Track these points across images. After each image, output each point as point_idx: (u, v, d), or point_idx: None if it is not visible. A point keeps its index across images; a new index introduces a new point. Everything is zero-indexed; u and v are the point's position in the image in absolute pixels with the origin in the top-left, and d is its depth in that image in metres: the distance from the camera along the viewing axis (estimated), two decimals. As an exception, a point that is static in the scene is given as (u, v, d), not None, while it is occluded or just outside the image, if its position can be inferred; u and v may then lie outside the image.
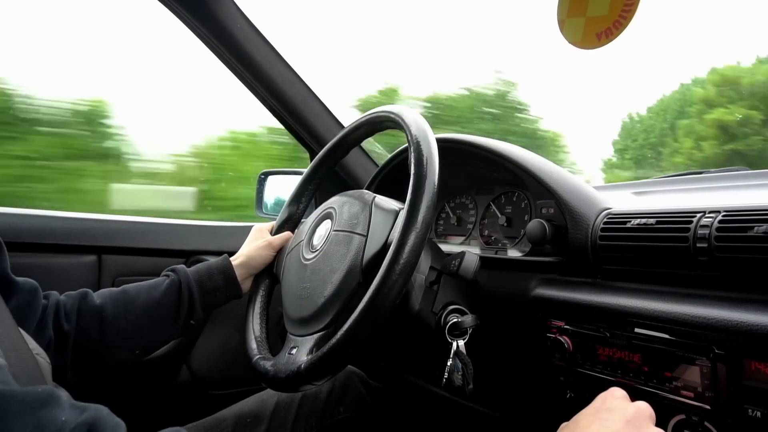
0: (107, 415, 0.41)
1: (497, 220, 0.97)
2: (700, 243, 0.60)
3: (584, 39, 0.75)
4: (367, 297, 0.59)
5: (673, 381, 0.58)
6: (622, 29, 0.73)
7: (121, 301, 0.78)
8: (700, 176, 1.02)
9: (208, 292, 0.83)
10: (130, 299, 0.79)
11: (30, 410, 0.36)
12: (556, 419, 0.54)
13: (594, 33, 0.74)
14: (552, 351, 0.70)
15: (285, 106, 1.26)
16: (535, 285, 0.77)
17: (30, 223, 1.19)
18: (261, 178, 1.42)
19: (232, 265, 0.85)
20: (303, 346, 0.68)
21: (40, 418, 0.36)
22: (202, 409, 0.93)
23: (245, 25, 1.16)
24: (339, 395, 0.96)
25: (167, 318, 0.80)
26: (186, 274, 0.83)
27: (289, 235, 0.89)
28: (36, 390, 0.38)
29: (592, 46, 0.75)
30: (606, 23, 0.73)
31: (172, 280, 0.82)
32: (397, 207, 0.71)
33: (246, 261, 0.87)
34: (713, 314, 0.55)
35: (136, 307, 0.78)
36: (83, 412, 0.39)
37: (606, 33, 0.73)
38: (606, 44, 0.74)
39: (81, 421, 0.37)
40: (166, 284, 0.81)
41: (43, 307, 0.73)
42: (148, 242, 1.30)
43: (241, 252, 0.89)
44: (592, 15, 0.74)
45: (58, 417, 0.37)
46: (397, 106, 0.76)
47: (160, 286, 0.81)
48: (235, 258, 0.87)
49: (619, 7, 0.72)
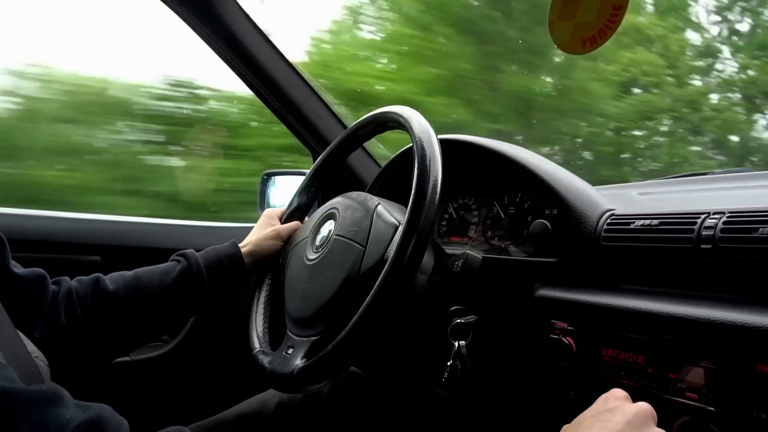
0: (111, 414, 0.41)
1: (500, 220, 0.97)
2: (705, 244, 0.60)
3: (571, 44, 0.75)
4: (360, 312, 0.60)
5: (677, 382, 0.58)
6: (607, 38, 0.73)
7: (134, 287, 0.78)
8: (704, 177, 1.02)
9: (218, 277, 0.83)
10: (143, 285, 0.79)
11: (35, 408, 0.37)
12: (559, 420, 0.53)
13: (580, 39, 0.74)
14: (555, 352, 0.70)
15: (288, 106, 1.26)
16: (538, 286, 0.77)
17: (34, 223, 1.20)
18: (264, 178, 1.42)
19: (240, 251, 0.85)
20: (299, 349, 0.70)
21: (45, 415, 0.37)
22: (205, 409, 0.93)
23: (248, 25, 1.16)
24: (340, 395, 0.96)
25: (180, 304, 0.81)
26: (196, 260, 0.82)
27: (297, 224, 0.89)
28: (41, 388, 0.39)
29: (577, 51, 0.75)
30: (592, 30, 0.73)
31: (183, 266, 0.82)
32: (396, 221, 0.71)
33: (253, 249, 0.87)
34: (718, 315, 0.55)
35: (150, 293, 0.78)
36: (87, 411, 0.39)
37: (591, 40, 0.73)
38: (590, 51, 0.75)
39: (85, 418, 0.38)
40: (178, 270, 0.81)
41: (54, 293, 0.73)
42: (151, 242, 1.30)
43: (249, 239, 0.89)
44: (580, 20, 0.74)
45: (63, 415, 0.38)
46: (402, 107, 0.76)
47: (172, 272, 0.81)
48: (243, 245, 0.87)
49: (606, 15, 0.72)
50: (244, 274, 0.86)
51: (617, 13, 0.71)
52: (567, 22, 0.75)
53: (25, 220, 1.19)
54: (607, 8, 0.71)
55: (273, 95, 1.24)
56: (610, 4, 0.71)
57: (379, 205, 0.74)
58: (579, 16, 0.74)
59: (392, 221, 0.71)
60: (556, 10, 0.76)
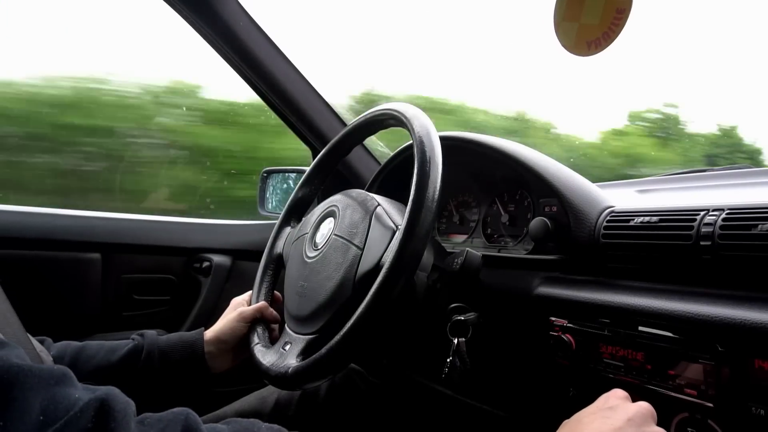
0: (118, 394, 0.42)
1: (500, 218, 0.97)
2: (704, 241, 0.60)
3: (576, 45, 0.75)
4: (354, 319, 0.60)
5: (676, 379, 0.58)
6: (611, 41, 0.73)
7: (74, 357, 0.76)
8: (703, 174, 1.02)
9: (172, 364, 0.80)
10: (86, 357, 0.76)
11: (46, 386, 0.38)
12: (558, 417, 0.54)
13: (585, 40, 0.74)
14: (555, 349, 0.70)
15: (287, 103, 1.26)
16: (538, 283, 0.77)
17: (34, 221, 1.20)
18: (263, 176, 1.42)
19: (203, 342, 0.82)
20: (295, 346, 0.71)
21: (55, 393, 0.38)
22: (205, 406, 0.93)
23: (248, 22, 1.16)
24: (339, 392, 0.96)
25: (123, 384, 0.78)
26: (152, 342, 0.80)
27: (263, 305, 0.85)
28: (52, 368, 0.40)
29: (582, 53, 0.75)
30: (596, 33, 0.73)
31: (135, 345, 0.79)
32: (394, 225, 0.71)
33: (216, 337, 0.83)
34: (717, 312, 0.55)
35: (88, 367, 0.76)
36: (95, 391, 0.41)
37: (595, 43, 0.74)
38: (595, 53, 0.75)
39: (93, 397, 0.39)
40: (127, 349, 0.78)
41: None
42: (151, 240, 1.30)
43: (214, 327, 0.86)
44: (585, 22, 0.74)
45: (72, 394, 0.39)
46: (402, 104, 0.76)
47: (120, 350, 0.78)
48: (208, 332, 0.84)
49: (610, 18, 0.72)
50: (202, 364, 0.82)
51: (620, 16, 0.72)
52: (572, 24, 0.75)
53: (25, 218, 1.20)
54: (610, 11, 0.72)
55: (273, 93, 1.24)
56: (614, 7, 0.71)
57: (378, 206, 0.73)
58: (583, 18, 0.74)
59: (390, 225, 0.70)
60: (561, 10, 0.76)
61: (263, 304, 0.85)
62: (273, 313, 0.85)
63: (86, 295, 1.23)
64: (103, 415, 0.38)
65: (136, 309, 1.29)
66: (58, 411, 0.36)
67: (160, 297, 1.33)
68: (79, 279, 1.22)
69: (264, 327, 0.83)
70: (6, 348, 0.39)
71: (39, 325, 0.77)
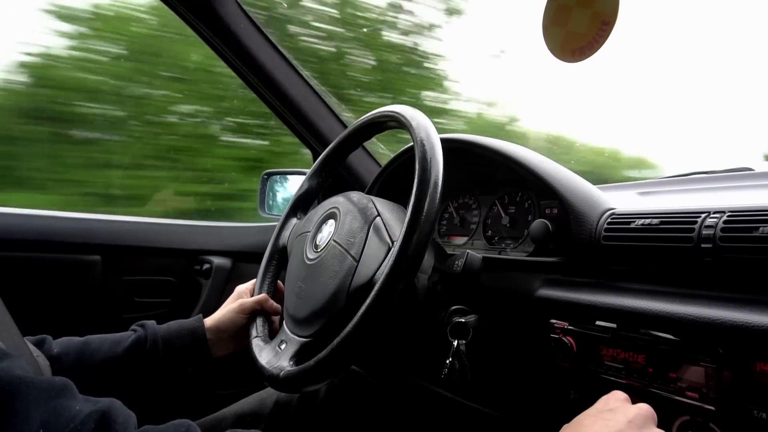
0: (119, 406, 0.43)
1: (500, 220, 0.97)
2: (705, 243, 0.60)
3: (561, 50, 0.76)
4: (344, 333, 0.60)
5: (677, 382, 0.58)
6: (594, 51, 0.74)
7: (79, 352, 0.76)
8: (704, 176, 1.02)
9: (176, 351, 0.80)
10: (91, 351, 0.76)
11: (47, 398, 0.38)
12: (559, 420, 0.54)
13: (569, 47, 0.75)
14: (556, 351, 0.70)
15: (288, 105, 1.26)
16: (539, 285, 0.76)
17: (35, 223, 1.20)
18: (264, 178, 1.42)
19: (204, 327, 0.83)
20: (290, 346, 0.72)
21: (56, 405, 0.38)
22: (204, 408, 0.93)
23: (248, 24, 1.16)
24: (338, 394, 0.96)
25: (129, 375, 0.77)
26: (154, 331, 0.80)
27: (264, 297, 0.86)
28: (53, 380, 0.40)
29: (566, 59, 0.76)
30: (581, 41, 0.74)
31: (138, 336, 0.79)
32: (390, 241, 0.70)
33: (215, 326, 0.84)
34: (718, 315, 0.55)
35: (95, 360, 0.75)
36: (96, 403, 0.41)
37: (580, 51, 0.75)
38: (579, 61, 0.76)
39: (94, 409, 0.39)
40: (131, 340, 0.78)
41: None
42: (152, 242, 1.31)
43: (214, 315, 0.86)
44: (571, 29, 0.75)
45: (73, 406, 0.39)
46: (402, 106, 0.76)
47: (125, 342, 0.78)
48: (208, 320, 0.85)
49: (595, 29, 0.73)
50: (205, 349, 0.82)
51: (605, 28, 0.73)
52: (559, 29, 0.76)
53: (25, 220, 1.20)
54: (596, 22, 0.73)
55: (273, 94, 1.24)
56: (600, 19, 0.73)
57: (377, 217, 0.73)
58: (570, 25, 0.75)
59: (386, 240, 0.70)
60: (550, 15, 0.77)
61: (264, 296, 0.85)
62: (273, 305, 0.85)
63: (87, 297, 1.23)
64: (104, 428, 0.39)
65: (136, 311, 1.30)
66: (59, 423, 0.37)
67: (161, 299, 1.33)
68: (79, 281, 1.22)
69: (264, 319, 0.83)
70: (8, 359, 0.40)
71: (39, 327, 0.77)
